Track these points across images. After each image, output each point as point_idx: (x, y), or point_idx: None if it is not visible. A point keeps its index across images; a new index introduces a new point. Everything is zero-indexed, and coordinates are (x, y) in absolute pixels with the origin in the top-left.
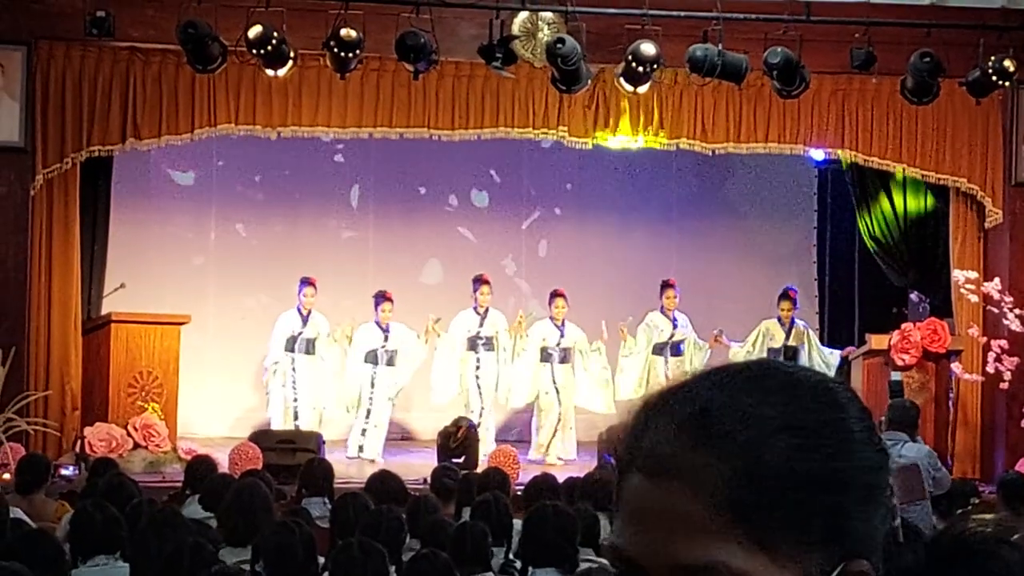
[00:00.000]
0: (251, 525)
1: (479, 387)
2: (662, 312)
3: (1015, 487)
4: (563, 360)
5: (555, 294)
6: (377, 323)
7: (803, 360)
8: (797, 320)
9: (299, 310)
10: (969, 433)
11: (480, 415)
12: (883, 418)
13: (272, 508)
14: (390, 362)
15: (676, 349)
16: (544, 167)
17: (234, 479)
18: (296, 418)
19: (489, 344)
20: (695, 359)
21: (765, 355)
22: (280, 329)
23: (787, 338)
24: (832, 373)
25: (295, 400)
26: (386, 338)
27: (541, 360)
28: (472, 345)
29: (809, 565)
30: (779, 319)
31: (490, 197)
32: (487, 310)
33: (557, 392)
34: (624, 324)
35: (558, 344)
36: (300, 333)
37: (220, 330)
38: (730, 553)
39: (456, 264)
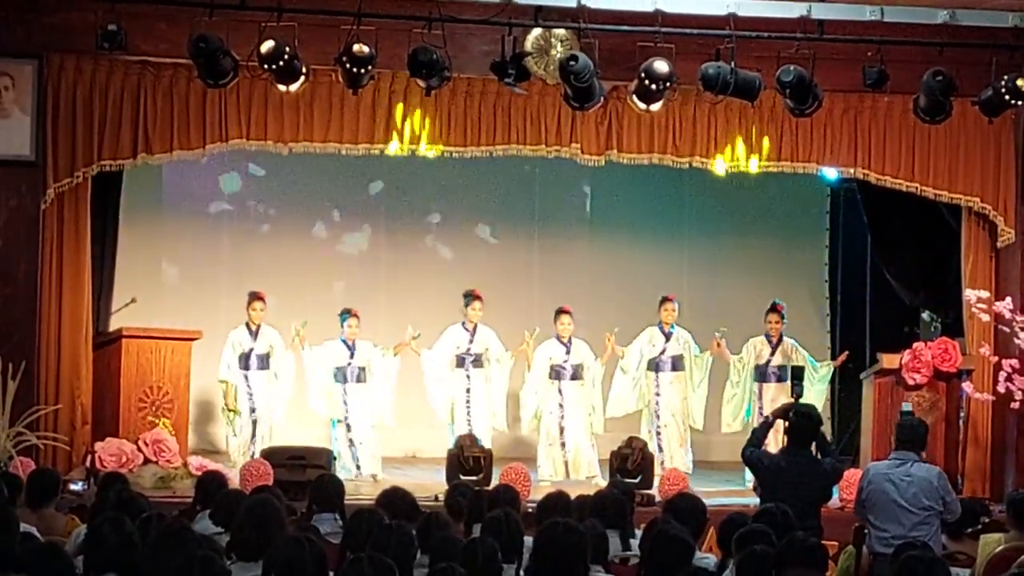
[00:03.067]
0: (264, 540)
1: (468, 404)
2: (659, 327)
3: None
4: (574, 377)
5: (560, 311)
6: (343, 340)
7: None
8: (785, 337)
9: (248, 325)
10: (979, 452)
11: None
12: (892, 438)
13: (285, 523)
14: (359, 379)
15: (675, 365)
16: (554, 182)
17: (245, 495)
18: (253, 436)
19: (478, 361)
20: (695, 375)
21: (753, 372)
22: (230, 346)
23: (772, 353)
24: (824, 387)
25: (252, 415)
26: (352, 355)
27: (550, 378)
28: (460, 362)
29: None
30: (767, 335)
31: (500, 213)
32: (476, 327)
33: (562, 408)
34: (612, 335)
35: (566, 361)
36: (251, 349)
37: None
38: None
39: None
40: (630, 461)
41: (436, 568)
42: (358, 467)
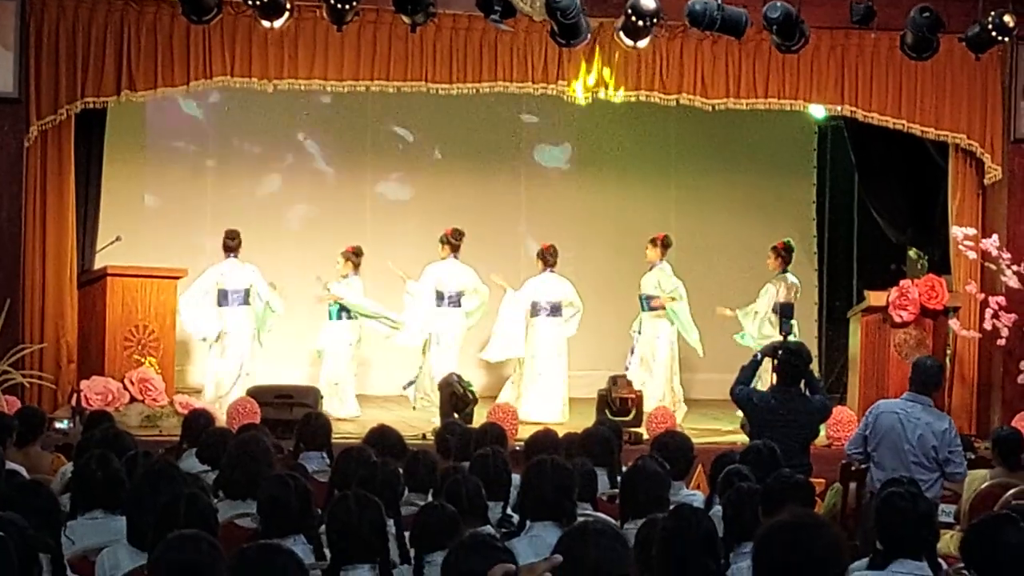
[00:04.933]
0: (251, 478)
1: (442, 342)
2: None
3: (1011, 443)
4: (552, 314)
5: (543, 249)
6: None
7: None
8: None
9: (228, 263)
10: (966, 389)
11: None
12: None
13: (273, 462)
14: (349, 316)
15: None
16: (541, 121)
17: (231, 433)
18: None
19: (456, 300)
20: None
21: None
22: (208, 280)
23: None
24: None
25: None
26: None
27: (532, 315)
28: (440, 299)
29: None
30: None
31: (486, 151)
32: (458, 264)
33: (538, 348)
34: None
35: (546, 300)
36: (231, 286)
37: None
38: None
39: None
40: (615, 400)
41: (427, 504)
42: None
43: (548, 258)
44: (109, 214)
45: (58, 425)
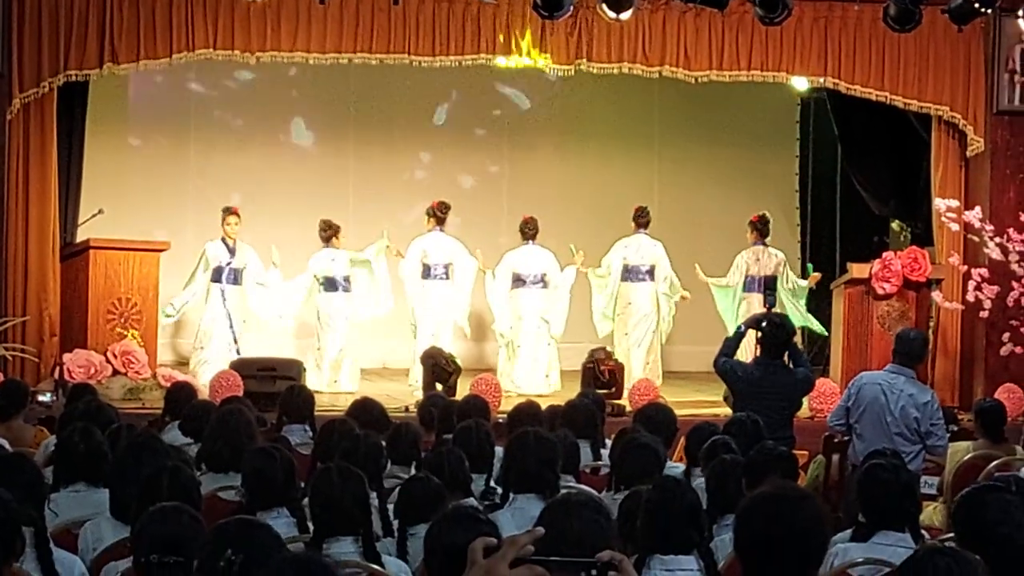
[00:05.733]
0: (234, 451)
1: (428, 312)
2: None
3: (993, 414)
4: (537, 284)
5: (526, 221)
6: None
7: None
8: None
9: (224, 241)
10: (948, 361)
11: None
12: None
13: (255, 435)
14: (348, 289)
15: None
16: (525, 92)
17: (214, 406)
18: (238, 352)
19: (445, 272)
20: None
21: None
22: (207, 259)
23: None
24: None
25: (232, 328)
26: (333, 260)
27: (513, 287)
28: (427, 272)
29: None
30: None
31: (468, 122)
32: (442, 236)
33: (523, 320)
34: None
35: (529, 270)
36: (229, 263)
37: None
38: None
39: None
40: (603, 372)
41: (413, 476)
42: (336, 380)
43: (527, 230)
44: (92, 187)
45: (41, 398)
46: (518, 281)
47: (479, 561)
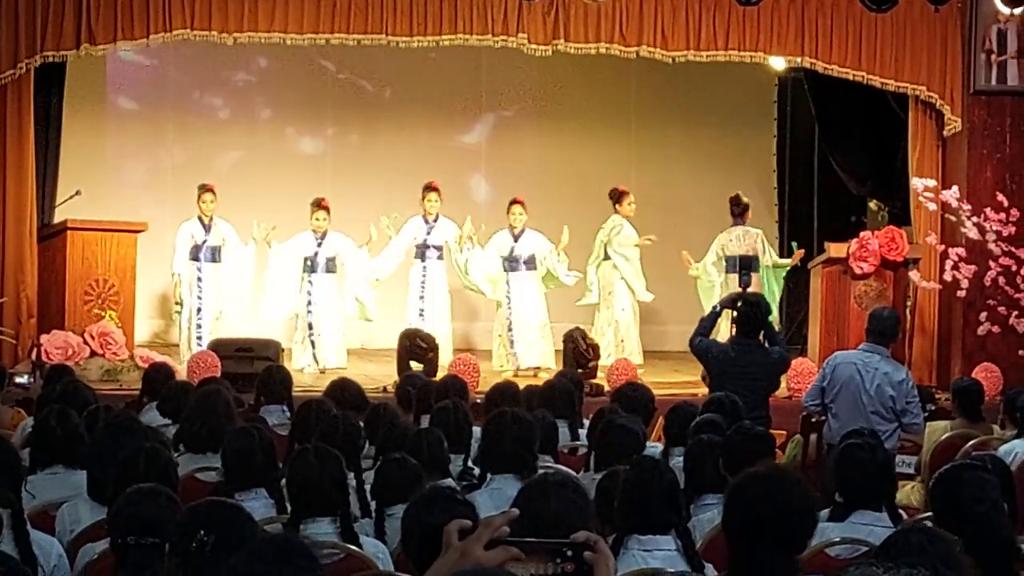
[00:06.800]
0: (212, 432)
1: (422, 296)
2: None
3: (970, 394)
4: (527, 268)
5: (513, 201)
6: (313, 231)
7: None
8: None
9: (200, 219)
10: (926, 341)
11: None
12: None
13: (234, 415)
14: (328, 269)
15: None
16: (501, 73)
17: (192, 387)
18: (199, 327)
19: (439, 252)
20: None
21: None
22: (183, 238)
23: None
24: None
25: (199, 309)
26: (319, 245)
27: (503, 269)
28: (421, 254)
29: None
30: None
31: (444, 104)
32: (437, 217)
33: (509, 300)
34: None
35: (512, 252)
36: (204, 241)
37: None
38: None
39: (415, 174)
40: (588, 350)
41: (388, 457)
42: (315, 359)
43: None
44: (69, 168)
45: (18, 380)
46: (512, 264)
47: (454, 543)
